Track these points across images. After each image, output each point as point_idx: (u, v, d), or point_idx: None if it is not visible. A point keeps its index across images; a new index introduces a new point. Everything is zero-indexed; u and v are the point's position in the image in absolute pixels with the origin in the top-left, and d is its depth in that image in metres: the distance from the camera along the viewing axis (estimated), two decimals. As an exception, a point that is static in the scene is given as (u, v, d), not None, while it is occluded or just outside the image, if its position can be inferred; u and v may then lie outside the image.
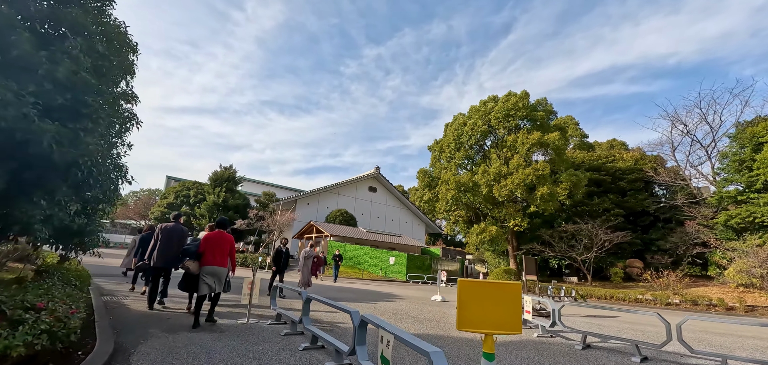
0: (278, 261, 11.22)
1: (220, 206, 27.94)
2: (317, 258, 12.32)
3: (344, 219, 38.04)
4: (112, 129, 5.54)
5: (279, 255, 11.29)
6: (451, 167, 28.62)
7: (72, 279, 5.79)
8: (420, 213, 55.40)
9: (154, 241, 7.12)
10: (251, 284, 7.02)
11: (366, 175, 48.75)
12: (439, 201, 28.57)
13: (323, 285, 16.44)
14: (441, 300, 13.86)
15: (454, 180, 24.40)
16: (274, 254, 11.45)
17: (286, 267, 11.52)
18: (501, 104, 26.12)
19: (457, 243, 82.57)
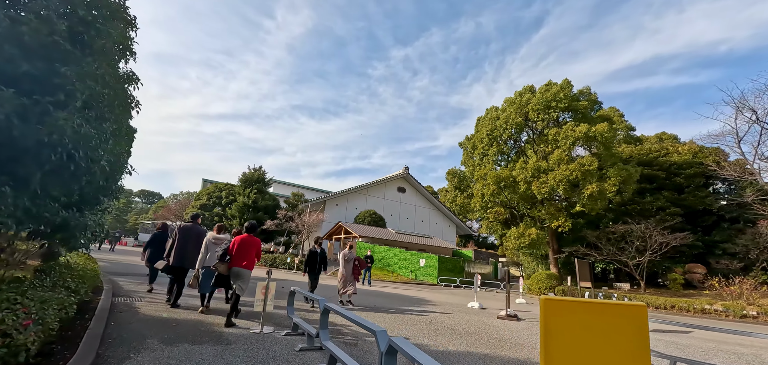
0: (313, 264, 10.08)
1: (250, 207, 27.93)
2: (359, 261, 11.01)
3: (373, 220, 37.21)
4: (110, 111, 4.82)
5: (313, 258, 10.12)
6: (484, 164, 26.85)
7: (69, 280, 5.14)
8: (450, 214, 53.62)
9: (172, 241, 7.17)
10: (266, 288, 6.14)
11: (395, 176, 47.73)
12: (473, 199, 26.81)
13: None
14: (479, 307, 12.48)
15: (493, 174, 22.66)
16: (308, 256, 10.27)
17: (321, 270, 10.45)
18: (540, 95, 24.09)
19: (489, 245, 79.64)
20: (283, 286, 12.17)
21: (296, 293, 6.49)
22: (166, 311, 6.86)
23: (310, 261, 10.15)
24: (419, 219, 49.13)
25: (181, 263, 7.01)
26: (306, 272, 10.21)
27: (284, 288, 11.80)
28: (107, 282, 8.61)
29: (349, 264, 10.54)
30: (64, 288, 4.75)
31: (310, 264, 10.10)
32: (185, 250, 7.07)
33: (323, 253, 10.48)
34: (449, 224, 53.72)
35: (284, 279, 16.43)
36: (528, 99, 24.72)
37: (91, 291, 6.86)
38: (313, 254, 10.25)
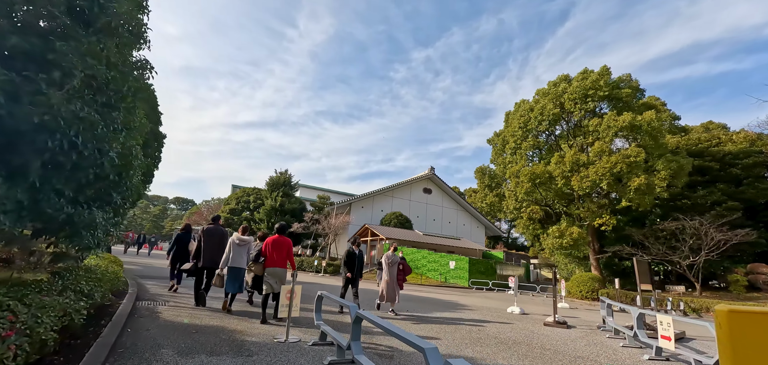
0: (352, 265, 8.77)
1: (277, 210, 27.95)
2: (403, 265, 9.71)
3: (399, 222, 36.46)
4: (119, 98, 4.38)
5: (352, 259, 8.86)
6: (516, 160, 25.34)
7: (83, 283, 4.75)
8: (478, 215, 51.96)
9: (197, 243, 7.32)
10: (290, 293, 5.54)
11: (420, 177, 46.78)
12: (505, 200, 25.38)
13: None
14: (520, 312, 11.42)
15: (526, 171, 21.19)
16: (346, 257, 8.95)
17: (361, 273, 9.19)
18: (576, 83, 22.41)
19: (518, 247, 76.86)
20: (320, 294, 11.58)
21: (323, 298, 5.84)
22: (189, 315, 6.44)
23: (349, 262, 8.83)
24: (446, 221, 47.87)
25: (207, 263, 7.19)
26: (343, 275, 8.90)
27: (318, 295, 11.33)
28: (134, 285, 8.38)
29: (393, 267, 9.25)
30: (75, 292, 4.33)
31: (349, 267, 8.78)
32: (210, 251, 7.25)
33: (361, 255, 9.18)
34: (477, 225, 52.07)
35: (311, 282, 15.99)
36: (563, 89, 23.10)
37: (112, 294, 6.55)
38: (352, 255, 8.87)
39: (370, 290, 14.75)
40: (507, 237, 79.27)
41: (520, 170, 22.44)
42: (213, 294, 8.71)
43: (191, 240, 9.09)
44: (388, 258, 9.40)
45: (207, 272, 7.36)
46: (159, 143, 18.66)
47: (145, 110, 6.35)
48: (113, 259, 8.16)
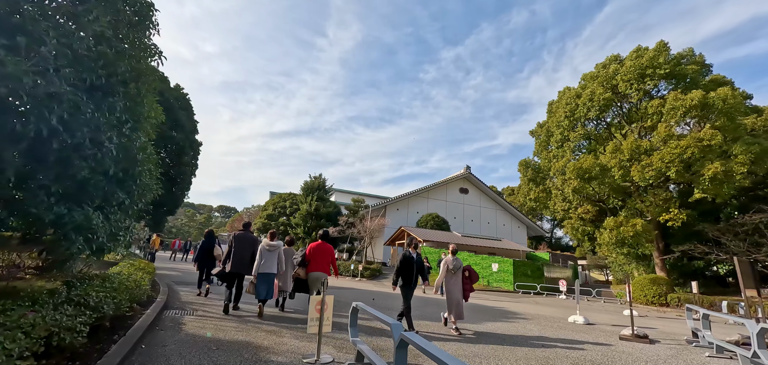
0: (409, 274, 6.87)
1: (312, 214, 27.74)
2: (470, 271, 7.63)
3: (436, 224, 35.09)
4: (118, 82, 3.75)
5: (408, 265, 6.91)
6: (563, 152, 23.12)
7: (92, 293, 4.19)
8: (519, 214, 49.24)
9: (228, 248, 7.27)
10: (321, 304, 4.69)
11: (456, 176, 45.08)
12: (551, 198, 23.24)
13: (425, 298, 13.75)
14: (584, 322, 9.87)
15: (573, 166, 19.10)
16: (401, 263, 7.00)
17: (416, 282, 7.18)
18: (630, 63, 19.96)
19: (563, 247, 72.38)
20: (355, 305, 10.71)
21: (359, 310, 4.93)
22: (214, 327, 5.81)
23: (404, 269, 6.87)
24: (485, 221, 45.72)
25: (238, 269, 7.10)
26: (397, 285, 6.99)
27: (352, 306, 10.45)
28: (165, 293, 8.00)
29: (458, 275, 7.25)
30: (77, 305, 3.74)
31: (404, 274, 6.84)
32: (241, 257, 7.17)
33: (420, 259, 7.26)
34: (518, 225, 49.33)
35: (349, 287, 15.26)
36: (615, 70, 20.71)
37: (137, 303, 6.08)
38: (408, 260, 6.86)
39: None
40: (550, 236, 75.10)
41: (565, 165, 20.28)
42: (246, 301, 8.17)
43: (215, 246, 9.35)
44: (451, 264, 7.32)
45: (237, 277, 7.30)
46: (195, 151, 19.11)
47: (157, 99, 5.74)
48: (143, 266, 7.85)
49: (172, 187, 15.09)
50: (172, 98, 15.11)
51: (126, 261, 8.07)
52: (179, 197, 15.87)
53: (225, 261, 7.26)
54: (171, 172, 15.09)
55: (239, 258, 7.10)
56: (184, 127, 15.22)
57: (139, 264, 7.96)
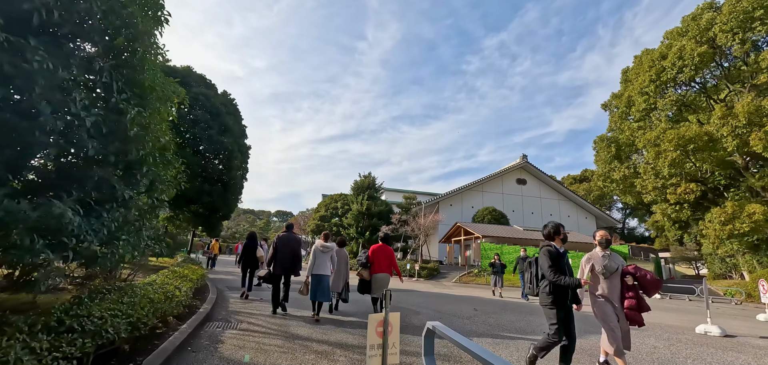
0: (561, 289, 3.90)
1: (364, 214, 26.86)
2: (641, 277, 4.18)
3: (493, 218, 32.42)
4: (116, 56, 2.69)
5: (560, 262, 3.97)
6: (650, 123, 19.29)
7: (96, 312, 3.24)
8: (586, 204, 44.37)
9: (273, 250, 7.11)
10: (383, 325, 3.30)
11: (512, 167, 41.72)
12: (641, 177, 19.58)
13: (500, 303, 11.90)
14: (720, 333, 7.39)
15: (672, 135, 15.56)
16: (550, 257, 3.93)
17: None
18: (730, 7, 15.93)
19: (637, 238, 64.62)
20: (431, 326, 9.24)
21: (437, 333, 3.44)
22: (255, 347, 4.72)
23: (557, 265, 3.88)
24: (547, 213, 41.71)
25: (282, 270, 6.97)
26: (549, 303, 3.92)
27: (426, 328, 9.01)
28: (211, 302, 7.23)
29: (615, 281, 4.21)
30: (67, 333, 2.75)
31: (559, 290, 3.86)
32: (284, 258, 7.00)
33: (566, 255, 4.15)
34: (586, 216, 44.45)
35: (407, 290, 13.81)
36: (710, 20, 16.75)
37: (169, 316, 5.20)
38: (557, 256, 3.93)
39: (478, 297, 11.91)
40: (622, 227, 67.48)
41: (660, 135, 16.71)
42: (296, 306, 7.16)
43: (257, 247, 9.43)
44: (602, 262, 4.34)
45: (282, 279, 7.14)
46: (244, 155, 19.01)
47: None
48: (186, 272, 7.17)
49: (225, 192, 14.95)
50: (219, 103, 14.97)
51: (170, 269, 7.47)
52: (232, 202, 15.72)
53: (269, 262, 7.10)
54: (223, 177, 14.96)
55: (283, 260, 6.94)
56: (233, 131, 15.03)
57: (182, 270, 7.30)
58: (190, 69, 15.07)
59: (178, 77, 15.31)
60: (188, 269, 8.00)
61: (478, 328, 6.80)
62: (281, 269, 6.89)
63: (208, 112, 14.16)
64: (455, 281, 20.66)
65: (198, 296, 7.60)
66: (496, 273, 12.86)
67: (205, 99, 14.22)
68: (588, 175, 66.76)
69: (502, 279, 13.09)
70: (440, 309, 8.98)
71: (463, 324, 7.17)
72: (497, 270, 12.88)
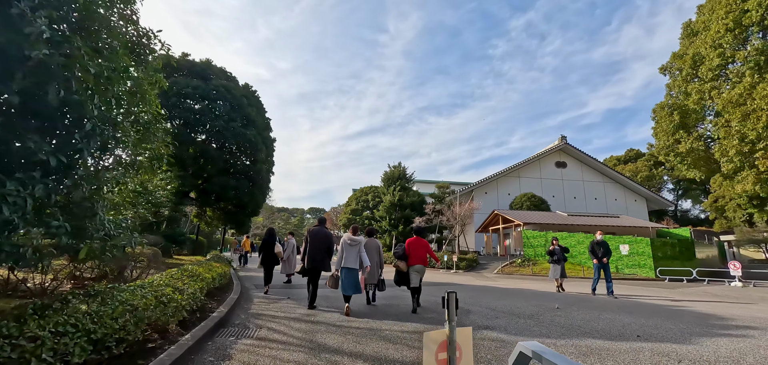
0: None
1: (396, 205, 25.64)
2: None
3: (533, 204, 30.05)
4: None
5: None
6: (730, 82, 16.00)
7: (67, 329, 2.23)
8: (635, 185, 40.54)
9: (304, 244, 7.00)
10: (447, 347, 2.02)
11: (550, 149, 38.77)
12: (720, 142, 16.41)
13: (563, 297, 10.26)
14: None
15: (764, 92, 12.69)
16: None
17: None
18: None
19: (691, 221, 58.88)
20: (527, 351, 7.57)
21: (534, 357, 2.08)
22: (271, 363, 3.62)
23: None
24: (591, 197, 38.45)
25: (313, 264, 6.79)
26: None
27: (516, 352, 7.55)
28: (230, 303, 6.29)
29: None
30: None
31: None
32: (315, 252, 6.82)
33: None
34: (635, 199, 40.60)
35: (446, 283, 12.42)
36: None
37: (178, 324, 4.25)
38: None
39: (541, 292, 10.27)
40: (674, 210, 61.79)
41: (746, 92, 13.67)
42: (324, 306, 6.09)
43: (275, 243, 9.34)
44: None
45: (312, 274, 6.91)
46: (269, 148, 18.28)
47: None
48: (199, 272, 6.25)
49: (252, 187, 14.24)
50: (240, 95, 14.23)
51: (182, 267, 6.61)
52: (259, 197, 14.98)
53: (303, 257, 6.97)
54: (249, 171, 14.24)
55: (314, 254, 6.75)
56: (256, 123, 14.28)
57: (196, 269, 6.40)
58: (209, 62, 14.49)
59: (197, 71, 14.99)
60: (206, 267, 7.14)
61: (552, 331, 5.34)
62: (312, 263, 6.69)
63: (230, 104, 13.50)
64: (497, 272, 18.95)
65: (216, 297, 6.70)
66: (557, 262, 10.90)
67: (226, 91, 13.56)
68: (632, 155, 61.50)
69: (564, 269, 10.95)
70: (493, 306, 7.55)
71: (528, 325, 5.73)
72: (558, 259, 10.90)
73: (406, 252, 7.13)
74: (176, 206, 14.26)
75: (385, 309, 6.83)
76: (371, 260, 6.92)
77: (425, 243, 7.32)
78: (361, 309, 6.75)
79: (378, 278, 7.16)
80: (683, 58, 18.10)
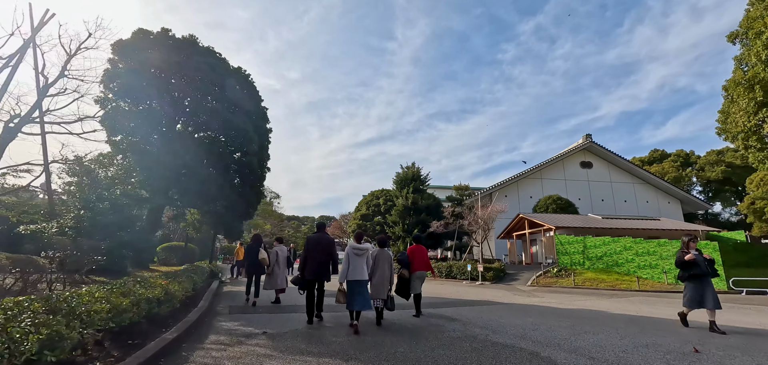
0: None
1: (410, 209, 22.84)
2: None
3: (559, 207, 26.79)
4: None
5: None
6: None
7: None
8: (668, 186, 36.83)
9: (304, 254, 6.06)
10: None
11: (574, 148, 35.50)
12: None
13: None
14: None
15: None
16: None
17: None
18: None
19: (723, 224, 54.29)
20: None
21: None
22: None
23: None
24: (620, 199, 34.93)
25: (315, 275, 5.83)
26: None
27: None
28: (160, 342, 3.64)
29: None
30: None
31: None
32: (318, 262, 5.86)
33: None
34: (668, 200, 36.87)
35: (481, 301, 9.32)
36: None
37: None
38: None
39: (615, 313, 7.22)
40: (703, 212, 57.34)
41: None
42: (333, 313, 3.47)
43: (260, 250, 8.11)
44: None
45: (316, 285, 5.99)
46: (263, 138, 14.98)
47: None
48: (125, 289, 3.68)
49: (240, 182, 11.66)
50: (229, 76, 11.73)
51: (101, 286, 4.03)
52: (250, 196, 12.26)
53: (301, 267, 5.99)
54: (239, 166, 11.57)
55: (316, 264, 5.83)
56: (246, 108, 11.75)
57: (91, 292, 3.81)
58: (194, 39, 12.11)
59: (179, 48, 12.76)
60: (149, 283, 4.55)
61: None
62: (313, 274, 5.87)
63: (215, 84, 11.08)
64: (531, 284, 15.89)
65: (161, 323, 4.08)
66: (698, 280, 6.18)
67: (210, 69, 11.13)
68: (657, 155, 57.37)
69: (715, 292, 6.08)
70: (577, 346, 4.64)
71: None
72: (702, 272, 6.16)
73: (410, 261, 6.97)
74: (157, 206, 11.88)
75: (398, 327, 4.12)
76: (381, 273, 5.81)
77: (425, 250, 7.33)
78: (371, 325, 5.68)
79: (388, 294, 5.89)
80: (758, 17, 14.35)
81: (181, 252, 15.86)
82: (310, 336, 4.83)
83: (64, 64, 10.45)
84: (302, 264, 5.88)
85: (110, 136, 11.12)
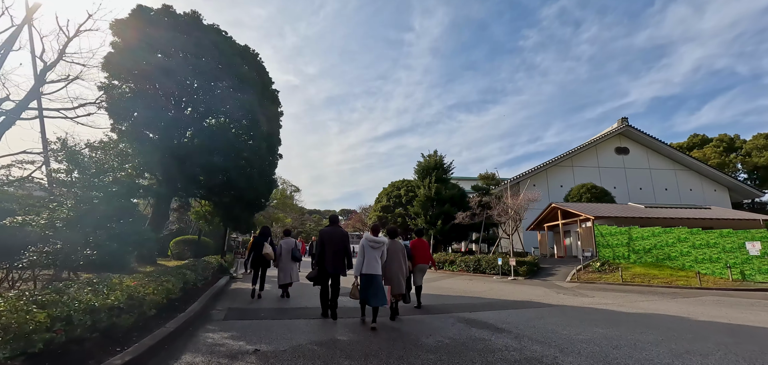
0: None
1: (433, 199, 21.33)
2: None
3: (594, 196, 24.49)
4: None
5: None
6: None
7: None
8: (715, 173, 33.36)
9: (319, 248, 5.77)
10: None
11: (609, 133, 32.69)
12: None
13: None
14: None
15: None
16: None
17: None
18: None
19: None
20: None
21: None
22: None
23: None
24: (660, 187, 31.94)
25: (334, 270, 5.56)
26: None
27: None
28: (152, 339, 2.47)
29: None
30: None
31: None
32: (331, 256, 5.57)
33: None
34: (714, 187, 33.43)
35: (523, 301, 7.69)
36: None
37: None
38: None
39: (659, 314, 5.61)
40: (750, 200, 52.23)
41: None
42: None
43: (264, 244, 8.03)
44: None
45: (326, 280, 5.73)
46: (272, 121, 13.88)
47: None
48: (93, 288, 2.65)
49: (250, 170, 10.53)
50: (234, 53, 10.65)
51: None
52: (259, 184, 11.01)
53: (318, 261, 5.62)
54: (245, 151, 10.37)
55: (330, 258, 5.52)
56: (254, 89, 10.62)
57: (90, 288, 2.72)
58: (197, 16, 11.10)
59: (182, 26, 11.84)
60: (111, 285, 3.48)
61: None
62: (332, 269, 5.50)
63: (218, 62, 10.06)
64: (571, 280, 14.10)
65: (121, 338, 2.94)
66: None
67: (213, 46, 10.12)
68: (697, 141, 52.74)
69: None
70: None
71: None
72: None
73: (413, 254, 6.95)
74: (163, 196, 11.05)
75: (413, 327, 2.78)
76: (394, 265, 5.66)
77: (426, 243, 7.37)
78: (385, 320, 5.45)
79: (402, 288, 5.72)
80: None
81: (195, 246, 15.19)
82: (315, 357, 3.56)
83: (63, 47, 9.73)
84: (319, 259, 5.63)
85: (115, 124, 10.38)
